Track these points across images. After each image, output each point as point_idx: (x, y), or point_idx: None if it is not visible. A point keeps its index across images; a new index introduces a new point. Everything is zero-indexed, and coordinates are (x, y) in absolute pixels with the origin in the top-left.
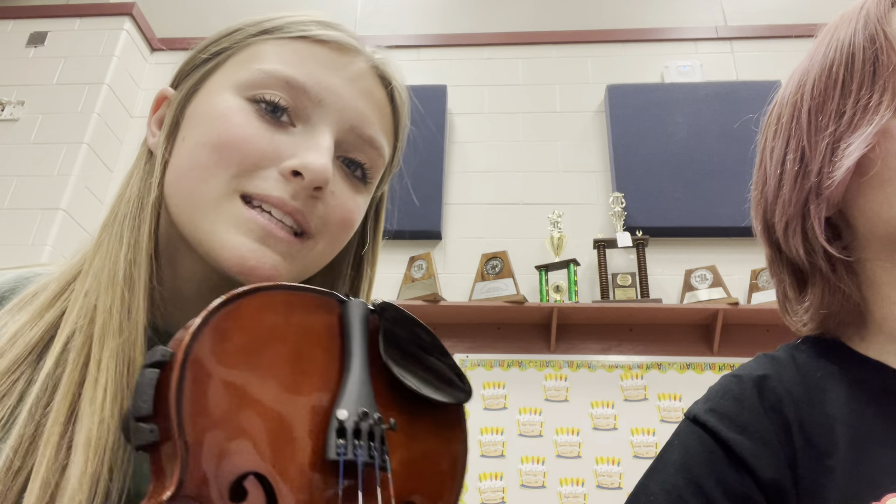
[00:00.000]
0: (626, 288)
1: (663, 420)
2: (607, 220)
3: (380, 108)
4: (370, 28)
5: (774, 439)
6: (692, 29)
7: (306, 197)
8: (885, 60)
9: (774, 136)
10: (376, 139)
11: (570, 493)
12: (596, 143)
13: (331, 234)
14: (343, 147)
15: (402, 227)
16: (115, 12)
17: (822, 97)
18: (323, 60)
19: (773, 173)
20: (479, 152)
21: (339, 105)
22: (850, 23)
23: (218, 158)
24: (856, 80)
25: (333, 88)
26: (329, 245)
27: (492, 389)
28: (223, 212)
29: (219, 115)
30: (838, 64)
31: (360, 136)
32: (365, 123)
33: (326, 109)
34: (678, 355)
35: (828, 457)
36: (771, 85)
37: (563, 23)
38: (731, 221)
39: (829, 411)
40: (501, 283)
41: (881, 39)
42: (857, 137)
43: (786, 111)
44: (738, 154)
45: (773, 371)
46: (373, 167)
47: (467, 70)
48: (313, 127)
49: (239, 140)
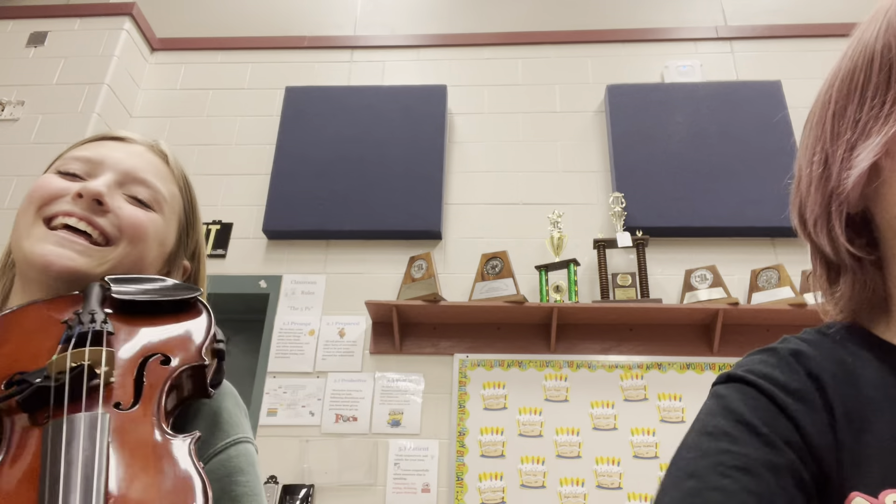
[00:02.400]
0: (626, 288)
1: (663, 420)
2: (607, 220)
3: (154, 165)
4: (370, 28)
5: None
6: (692, 29)
7: (91, 209)
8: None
9: (808, 135)
10: (148, 180)
11: (570, 493)
12: (596, 143)
13: (127, 237)
14: (125, 187)
15: (402, 227)
16: (115, 12)
17: (844, 101)
18: (108, 146)
19: (805, 173)
20: (479, 152)
21: (116, 162)
22: (875, 25)
23: (29, 201)
24: (871, 87)
25: (111, 154)
26: (130, 246)
27: (492, 389)
28: (33, 232)
29: (35, 182)
30: (860, 69)
31: (135, 179)
32: (137, 171)
33: (106, 166)
34: (678, 355)
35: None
36: (771, 85)
37: (562, 23)
38: (731, 221)
39: (863, 391)
40: (501, 283)
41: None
42: (866, 147)
43: (817, 111)
44: (738, 154)
45: (805, 348)
46: (154, 198)
47: (467, 70)
48: (96, 177)
49: (40, 186)
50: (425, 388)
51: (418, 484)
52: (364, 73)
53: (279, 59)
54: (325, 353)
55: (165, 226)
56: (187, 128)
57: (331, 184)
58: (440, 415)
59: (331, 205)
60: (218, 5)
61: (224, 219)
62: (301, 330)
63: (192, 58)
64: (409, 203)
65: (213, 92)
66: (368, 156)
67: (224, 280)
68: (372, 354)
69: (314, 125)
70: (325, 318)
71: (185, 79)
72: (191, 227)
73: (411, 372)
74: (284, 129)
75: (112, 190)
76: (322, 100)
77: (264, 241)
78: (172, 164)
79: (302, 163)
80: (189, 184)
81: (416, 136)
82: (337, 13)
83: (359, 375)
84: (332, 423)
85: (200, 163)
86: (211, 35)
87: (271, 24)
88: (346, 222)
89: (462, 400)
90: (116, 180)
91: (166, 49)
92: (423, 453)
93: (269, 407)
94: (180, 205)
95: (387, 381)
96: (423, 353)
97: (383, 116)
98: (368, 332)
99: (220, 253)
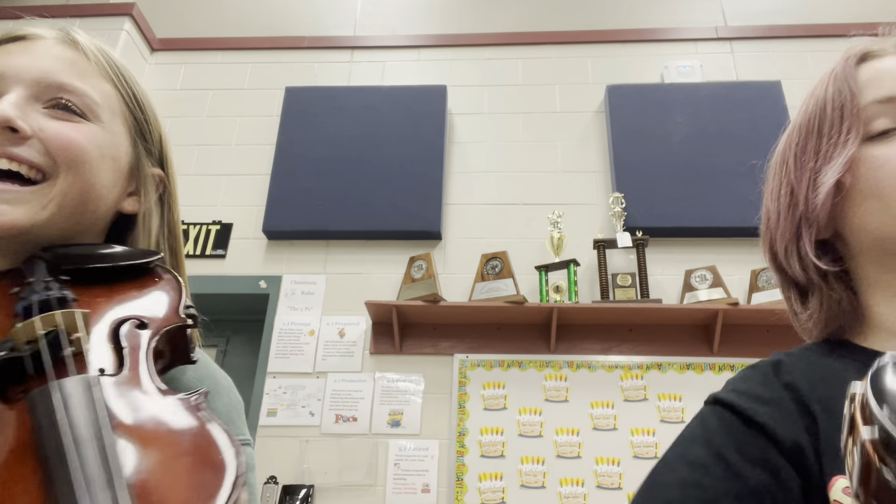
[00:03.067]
0: (626, 288)
1: (663, 420)
2: (607, 220)
3: (69, 60)
4: (370, 28)
5: (792, 407)
6: (692, 29)
7: (6, 141)
8: (849, 106)
9: (772, 179)
10: (67, 83)
11: (570, 494)
12: (596, 143)
13: (63, 163)
14: (42, 98)
15: (402, 227)
16: (115, 13)
17: (804, 141)
18: (9, 50)
19: (773, 209)
20: (479, 152)
21: (20, 71)
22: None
23: None
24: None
25: (13, 63)
26: (72, 174)
27: (492, 389)
28: None
29: None
30: (814, 115)
31: (49, 84)
32: (50, 75)
33: (8, 79)
34: (678, 355)
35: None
36: (771, 85)
37: (563, 23)
38: (731, 221)
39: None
40: (501, 283)
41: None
42: (830, 167)
43: (778, 159)
44: (738, 154)
45: (786, 358)
46: (83, 104)
47: (467, 70)
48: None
49: None
50: (425, 388)
51: (418, 484)
52: (364, 74)
53: (279, 59)
54: (324, 354)
55: (109, 135)
56: (187, 128)
57: (331, 184)
58: (440, 415)
59: (331, 205)
60: (218, 5)
61: (224, 219)
62: (301, 330)
63: (192, 58)
64: (409, 203)
65: (213, 92)
66: (368, 156)
67: (224, 280)
68: (372, 355)
69: (314, 125)
70: (325, 318)
71: (185, 79)
72: (145, 125)
73: (411, 372)
74: (284, 129)
75: (25, 109)
76: (322, 100)
77: (264, 241)
78: (91, 54)
79: (302, 163)
80: (122, 72)
81: (415, 136)
82: (337, 13)
83: (359, 376)
84: (332, 424)
85: (200, 163)
86: (211, 35)
87: (271, 24)
88: (346, 222)
89: (462, 400)
90: (27, 95)
91: (166, 49)
92: (423, 453)
93: (269, 407)
94: (119, 102)
95: (387, 382)
96: (423, 353)
97: (383, 116)
98: (368, 332)
99: (220, 253)
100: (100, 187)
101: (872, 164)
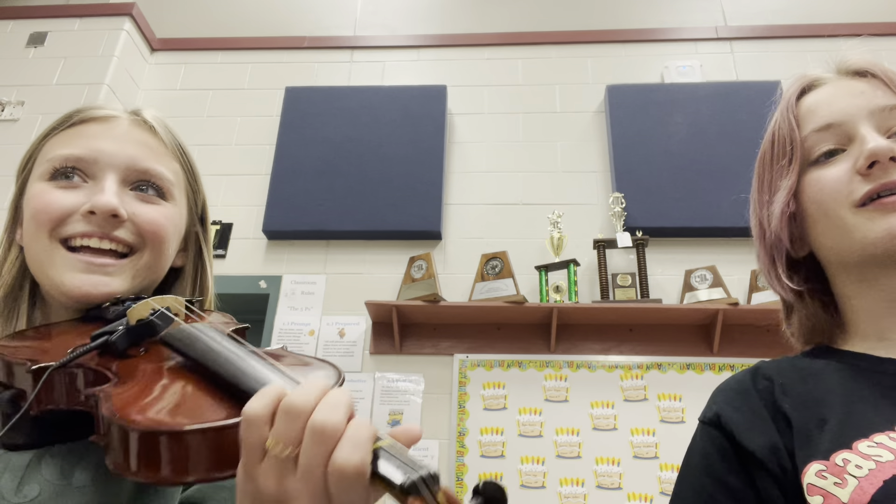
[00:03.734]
0: (626, 288)
1: (663, 420)
2: (607, 220)
3: (147, 145)
4: (370, 28)
5: (765, 413)
6: (692, 29)
7: (108, 225)
8: (793, 138)
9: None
10: (151, 168)
11: (570, 494)
12: (596, 143)
13: (149, 242)
14: (130, 181)
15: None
16: (114, 13)
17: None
18: (91, 133)
19: (754, 236)
20: (479, 152)
21: (111, 157)
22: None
23: (37, 224)
24: (774, 156)
25: (102, 148)
26: (154, 252)
27: (492, 389)
28: (55, 260)
29: (31, 197)
30: (766, 150)
31: (136, 170)
32: (137, 161)
33: (102, 165)
34: (678, 355)
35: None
36: (771, 85)
37: (563, 23)
38: (731, 221)
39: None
40: (501, 283)
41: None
42: (778, 197)
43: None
44: (738, 154)
45: (765, 364)
46: (163, 186)
47: (467, 70)
48: (97, 179)
49: (43, 207)
50: (425, 388)
51: None
52: (364, 74)
53: (279, 59)
54: (325, 354)
55: (178, 211)
56: (187, 128)
57: (331, 184)
58: (440, 415)
59: (331, 205)
60: (218, 5)
61: (224, 219)
62: (301, 330)
63: (192, 58)
64: (409, 203)
65: (213, 92)
66: (368, 156)
67: (224, 280)
68: (372, 355)
69: (314, 125)
70: (325, 318)
71: (185, 79)
72: (196, 193)
73: (411, 372)
74: (284, 130)
75: (121, 195)
76: (322, 100)
77: (264, 241)
78: (163, 135)
79: (302, 163)
80: (184, 148)
81: (415, 136)
82: (337, 13)
83: (359, 376)
84: None
85: (200, 163)
86: (211, 35)
87: (271, 24)
88: (346, 222)
89: (462, 400)
90: (119, 180)
91: (166, 49)
92: (423, 453)
93: None
94: (184, 177)
95: (387, 382)
96: (423, 353)
97: (383, 116)
98: (368, 332)
99: (220, 253)
100: (169, 255)
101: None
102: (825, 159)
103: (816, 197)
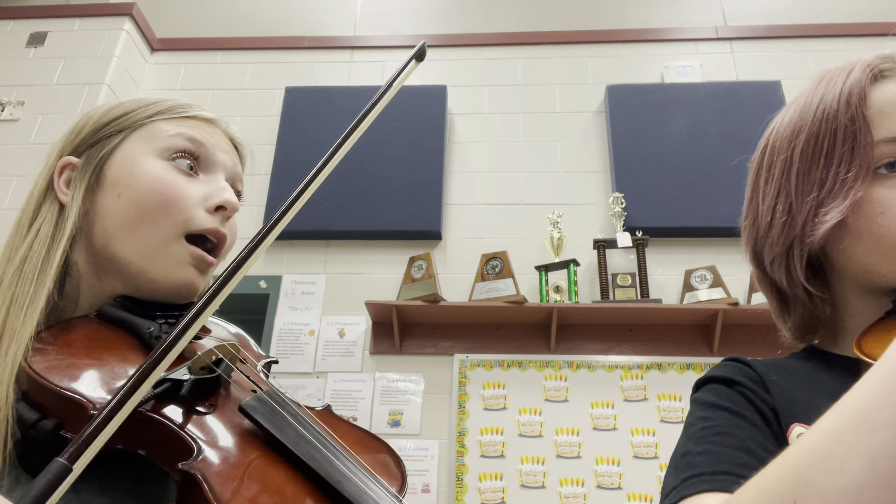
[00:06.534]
0: (626, 288)
1: (663, 420)
2: (607, 220)
3: (234, 154)
4: (370, 28)
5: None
6: (692, 29)
7: (223, 223)
8: (861, 141)
9: (766, 183)
10: (240, 177)
11: (570, 494)
12: (596, 143)
13: (224, 251)
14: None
15: (403, 227)
16: (114, 12)
17: (809, 163)
18: (205, 129)
19: (764, 214)
20: (479, 152)
21: (223, 159)
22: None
23: (165, 211)
24: (837, 154)
25: (218, 145)
26: (220, 260)
27: (492, 389)
28: (171, 249)
29: (153, 176)
30: (824, 135)
31: (234, 177)
32: (236, 169)
33: (217, 162)
34: (678, 355)
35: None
36: (771, 85)
37: (563, 23)
38: (731, 221)
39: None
40: (501, 283)
41: (860, 121)
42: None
43: (777, 163)
44: (739, 154)
45: (752, 360)
46: (242, 192)
47: (467, 70)
48: (212, 174)
49: (178, 196)
50: (425, 388)
51: (418, 484)
52: (364, 74)
53: (279, 59)
54: (324, 354)
55: None
56: None
57: (331, 184)
58: (440, 415)
59: (331, 205)
60: (218, 5)
61: None
62: (301, 330)
63: (192, 58)
64: (409, 203)
65: (213, 92)
66: (368, 156)
67: None
68: (372, 355)
69: (314, 125)
70: (324, 318)
71: (185, 79)
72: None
73: (411, 372)
74: (284, 129)
75: None
76: (322, 100)
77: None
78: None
79: (302, 163)
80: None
81: (416, 136)
82: (337, 13)
83: (359, 376)
84: None
85: None
86: (211, 35)
87: (271, 24)
88: (346, 222)
89: (462, 400)
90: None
91: (166, 49)
92: (423, 453)
93: None
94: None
95: (387, 382)
96: (423, 353)
97: (383, 116)
98: (368, 332)
99: None
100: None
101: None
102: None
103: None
